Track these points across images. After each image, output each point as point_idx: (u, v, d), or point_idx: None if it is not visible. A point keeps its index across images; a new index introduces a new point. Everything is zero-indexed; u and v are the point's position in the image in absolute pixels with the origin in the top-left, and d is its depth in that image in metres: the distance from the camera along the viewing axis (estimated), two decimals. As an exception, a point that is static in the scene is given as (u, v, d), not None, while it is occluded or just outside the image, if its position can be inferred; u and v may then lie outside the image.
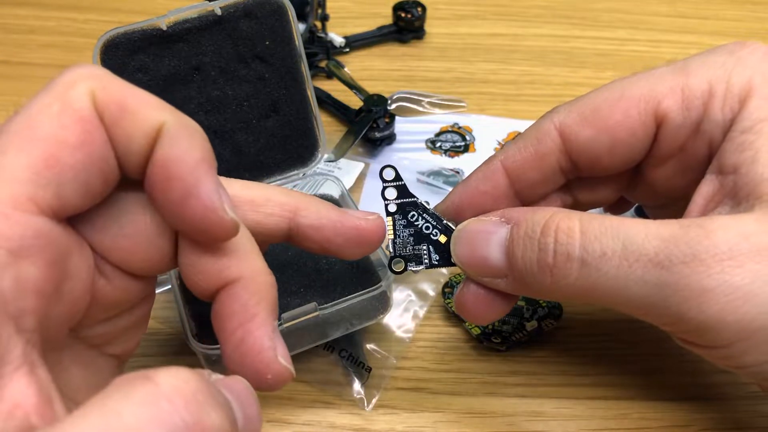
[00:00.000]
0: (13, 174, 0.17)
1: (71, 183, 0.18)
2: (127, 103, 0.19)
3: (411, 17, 0.56)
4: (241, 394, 0.20)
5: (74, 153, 0.18)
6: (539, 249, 0.26)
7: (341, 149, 0.44)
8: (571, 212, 0.26)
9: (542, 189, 0.31)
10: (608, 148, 0.29)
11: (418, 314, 0.38)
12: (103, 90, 0.19)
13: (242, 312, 0.22)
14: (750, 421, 0.33)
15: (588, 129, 0.29)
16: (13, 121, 0.18)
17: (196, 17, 0.35)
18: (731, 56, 0.27)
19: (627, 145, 0.28)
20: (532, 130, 0.30)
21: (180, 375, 0.17)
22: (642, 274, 0.24)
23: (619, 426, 0.33)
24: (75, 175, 0.18)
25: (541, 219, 0.26)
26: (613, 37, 0.58)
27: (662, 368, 0.35)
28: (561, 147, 0.29)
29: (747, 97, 0.26)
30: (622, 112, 0.28)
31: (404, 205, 0.30)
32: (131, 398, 0.16)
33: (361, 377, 0.34)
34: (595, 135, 0.28)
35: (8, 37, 0.57)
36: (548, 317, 0.36)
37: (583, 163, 0.30)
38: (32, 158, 0.17)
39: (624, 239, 0.24)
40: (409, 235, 0.30)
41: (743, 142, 0.25)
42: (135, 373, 0.17)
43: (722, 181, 0.26)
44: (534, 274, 0.26)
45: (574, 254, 0.25)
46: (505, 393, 0.34)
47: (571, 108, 0.29)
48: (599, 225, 0.25)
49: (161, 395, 0.16)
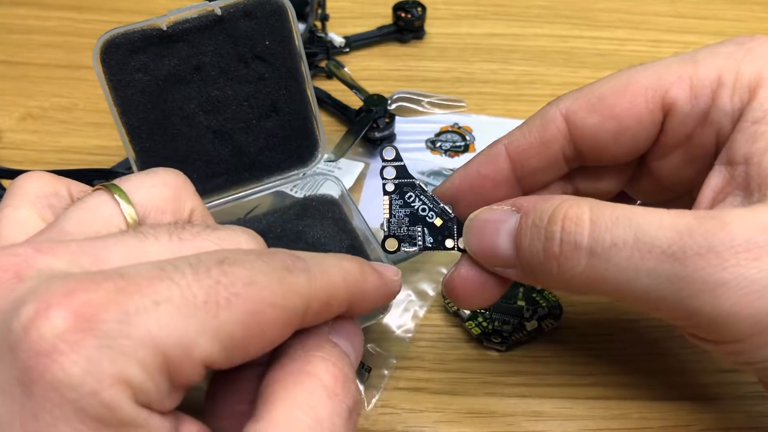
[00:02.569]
0: (224, 335, 0.18)
1: (239, 359, 0.19)
2: (332, 302, 0.21)
3: (411, 17, 0.56)
4: (350, 333, 0.23)
5: (264, 345, 0.19)
6: (546, 238, 0.25)
7: (341, 149, 0.44)
8: (581, 199, 0.25)
9: (544, 176, 0.31)
10: (614, 136, 0.28)
11: (418, 314, 0.38)
12: (319, 299, 0.20)
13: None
14: (750, 421, 0.33)
15: (594, 116, 0.28)
16: (248, 286, 0.19)
17: (196, 17, 0.35)
18: (740, 47, 0.27)
19: (633, 133, 0.28)
20: (537, 116, 0.30)
21: (330, 359, 0.20)
22: (654, 266, 0.23)
23: (619, 426, 0.33)
24: (245, 357, 0.19)
25: (549, 207, 0.26)
26: (612, 37, 0.58)
27: (662, 368, 0.35)
28: (566, 134, 0.29)
29: (757, 87, 0.26)
30: (629, 100, 0.28)
31: (402, 185, 0.30)
32: (303, 406, 0.19)
33: (361, 377, 0.34)
34: (601, 122, 0.28)
35: (8, 37, 0.57)
36: (548, 317, 0.36)
37: (587, 151, 0.29)
38: (241, 332, 0.18)
39: (636, 229, 0.24)
40: (404, 215, 0.30)
41: (754, 133, 0.25)
42: (287, 364, 0.20)
43: (732, 172, 0.26)
44: (541, 264, 0.26)
45: (582, 243, 0.24)
46: (505, 393, 0.34)
47: (577, 95, 0.29)
48: (611, 213, 0.24)
49: (327, 391, 0.20)
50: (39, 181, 0.23)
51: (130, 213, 0.22)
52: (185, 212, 0.24)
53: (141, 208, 0.23)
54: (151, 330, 0.17)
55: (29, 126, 0.50)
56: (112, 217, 0.22)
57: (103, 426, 0.16)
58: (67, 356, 0.16)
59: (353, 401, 0.20)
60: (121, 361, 0.16)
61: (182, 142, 0.36)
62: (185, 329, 0.17)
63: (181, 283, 0.17)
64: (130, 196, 0.22)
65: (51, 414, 0.16)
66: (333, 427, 0.19)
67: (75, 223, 0.21)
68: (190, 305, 0.17)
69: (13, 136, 0.49)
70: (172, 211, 0.24)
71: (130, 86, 0.34)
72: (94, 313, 0.16)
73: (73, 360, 0.16)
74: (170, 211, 0.23)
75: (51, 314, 0.16)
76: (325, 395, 0.19)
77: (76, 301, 0.17)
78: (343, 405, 0.20)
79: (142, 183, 0.23)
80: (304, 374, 0.20)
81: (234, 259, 0.19)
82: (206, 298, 0.17)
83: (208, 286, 0.18)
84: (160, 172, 0.24)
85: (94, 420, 0.16)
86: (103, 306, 0.17)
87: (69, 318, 0.16)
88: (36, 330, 0.16)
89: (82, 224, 0.21)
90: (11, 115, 0.50)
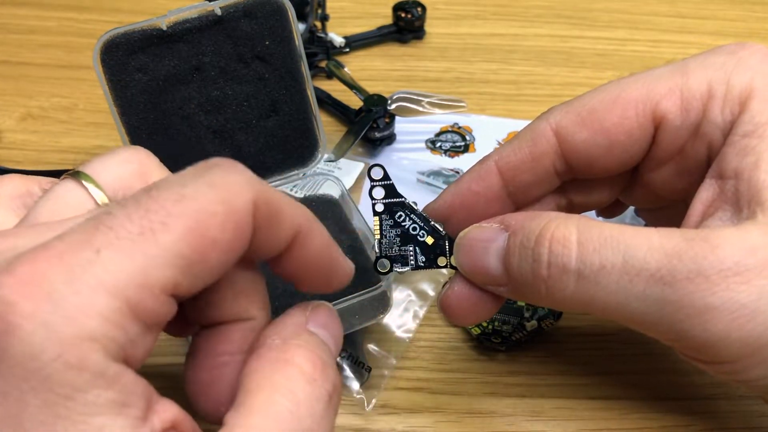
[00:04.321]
0: (172, 257, 0.18)
1: (205, 277, 0.19)
2: (281, 211, 0.21)
3: (411, 17, 0.56)
4: (328, 322, 0.23)
5: (221, 255, 0.19)
6: (533, 260, 0.25)
7: (341, 149, 0.44)
8: (569, 219, 0.25)
9: (536, 191, 0.30)
10: (605, 150, 0.28)
11: (418, 314, 0.38)
12: (265, 202, 0.20)
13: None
14: (750, 421, 0.33)
15: (584, 131, 0.28)
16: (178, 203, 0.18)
17: (196, 17, 0.35)
18: (731, 57, 0.27)
19: (624, 147, 0.28)
20: (527, 131, 0.30)
21: (308, 346, 0.21)
22: (643, 289, 0.23)
23: (619, 426, 0.33)
24: (211, 273, 0.19)
25: (536, 227, 0.26)
26: (612, 37, 0.58)
27: (662, 368, 0.35)
28: (556, 148, 0.29)
29: (748, 99, 0.25)
30: (619, 114, 0.27)
31: (391, 204, 0.30)
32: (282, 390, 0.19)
33: (361, 377, 0.34)
34: (591, 137, 0.28)
35: (8, 37, 0.57)
36: (548, 317, 0.36)
37: (578, 164, 0.29)
38: (188, 248, 0.18)
39: (625, 252, 0.24)
40: (395, 235, 0.30)
41: (745, 147, 0.25)
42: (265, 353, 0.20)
43: (722, 186, 0.26)
44: (530, 284, 0.26)
45: (570, 266, 0.24)
46: (505, 393, 0.34)
47: (567, 109, 0.29)
48: (598, 235, 0.24)
49: (305, 377, 0.20)
50: (10, 183, 0.23)
51: (98, 196, 0.22)
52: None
53: (109, 189, 0.23)
54: (100, 278, 0.17)
55: (29, 126, 0.50)
56: (82, 203, 0.22)
57: (72, 390, 0.16)
58: (23, 328, 0.16)
59: (332, 386, 0.20)
60: (79, 318, 0.16)
61: (182, 142, 0.36)
62: (132, 265, 0.17)
63: (114, 225, 0.17)
64: (97, 179, 0.22)
65: (18, 389, 0.16)
66: (312, 411, 0.19)
67: (47, 213, 0.21)
68: (129, 241, 0.17)
69: (13, 136, 0.49)
70: (141, 186, 0.23)
71: (130, 86, 0.34)
72: (40, 280, 0.16)
73: (29, 330, 0.16)
74: (138, 187, 0.23)
75: (1, 291, 0.16)
76: (304, 380, 0.20)
77: (19, 273, 0.16)
78: (322, 390, 0.20)
79: (106, 164, 0.23)
80: (282, 362, 0.20)
81: (161, 182, 0.19)
82: (141, 230, 0.17)
83: (140, 217, 0.18)
84: (121, 151, 0.24)
85: (61, 385, 0.16)
86: (47, 270, 0.16)
87: (17, 289, 0.16)
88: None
89: (54, 213, 0.21)
90: (11, 115, 0.50)
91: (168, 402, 0.19)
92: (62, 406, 0.16)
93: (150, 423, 0.18)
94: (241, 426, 0.18)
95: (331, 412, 0.20)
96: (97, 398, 0.16)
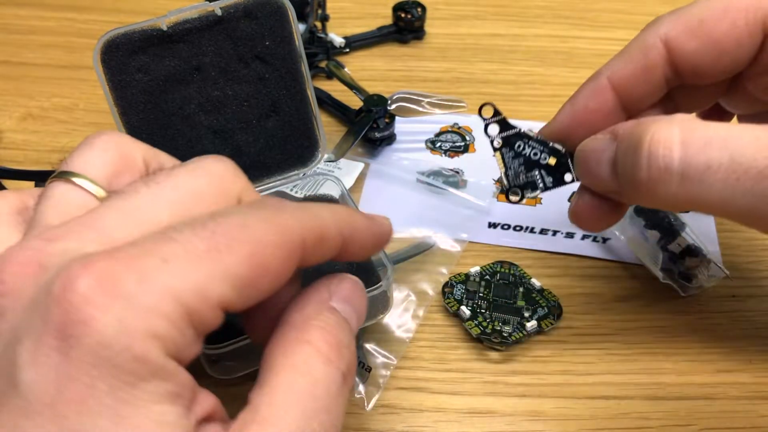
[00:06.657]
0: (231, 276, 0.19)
1: (255, 298, 0.20)
2: (325, 238, 0.22)
3: (411, 17, 0.56)
4: (351, 295, 0.24)
5: (272, 280, 0.21)
6: (633, 164, 0.25)
7: (341, 149, 0.44)
8: (672, 120, 0.25)
9: (648, 101, 0.31)
10: (714, 59, 0.29)
11: (418, 314, 0.38)
12: (311, 234, 0.22)
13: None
14: (750, 421, 0.33)
15: (694, 41, 0.29)
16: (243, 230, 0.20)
17: (196, 17, 0.35)
18: None
19: (733, 55, 0.28)
20: (636, 44, 0.30)
21: (326, 327, 0.22)
22: (751, 187, 0.23)
23: (619, 426, 0.33)
24: (259, 295, 0.20)
25: (639, 131, 0.26)
26: (612, 37, 0.58)
27: (663, 368, 0.35)
28: (667, 59, 0.30)
29: None
30: (729, 23, 0.28)
31: (508, 137, 0.31)
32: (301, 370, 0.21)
33: (361, 377, 0.34)
34: (701, 46, 0.29)
35: (8, 37, 0.57)
36: (548, 317, 0.36)
37: (687, 73, 0.30)
38: (246, 271, 0.20)
39: (732, 151, 0.23)
40: (519, 164, 0.31)
41: None
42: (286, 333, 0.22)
43: None
44: (635, 188, 0.26)
45: (672, 167, 0.24)
46: (505, 393, 0.34)
47: (675, 20, 0.29)
48: (703, 134, 0.24)
49: (322, 357, 0.21)
50: (4, 200, 0.24)
51: (95, 190, 0.23)
52: (139, 164, 0.25)
53: (101, 180, 0.23)
54: (167, 283, 0.18)
55: (29, 126, 0.50)
56: (83, 200, 0.23)
57: (136, 379, 0.18)
58: (99, 320, 0.17)
59: (347, 367, 0.22)
60: (147, 315, 0.18)
61: (182, 142, 0.36)
62: (196, 277, 0.19)
63: (182, 240, 0.19)
64: (86, 174, 0.23)
65: (88, 374, 0.17)
66: (328, 390, 0.21)
67: (54, 215, 0.22)
68: (195, 256, 0.19)
69: (14, 136, 0.49)
70: (126, 169, 0.24)
71: (131, 86, 0.34)
72: (114, 278, 0.18)
73: (105, 322, 0.17)
74: (124, 171, 0.24)
75: (78, 285, 0.18)
76: (321, 360, 0.21)
77: (96, 270, 0.18)
78: (337, 371, 0.21)
79: (86, 158, 0.24)
80: (302, 342, 0.21)
81: (224, 211, 0.21)
82: (207, 248, 0.19)
83: (207, 237, 0.19)
84: (94, 141, 0.24)
85: (128, 374, 0.18)
86: (121, 271, 0.18)
87: (94, 285, 0.18)
88: (67, 301, 0.17)
89: (62, 214, 0.22)
90: (11, 115, 0.50)
91: (207, 393, 0.20)
92: (127, 393, 0.18)
93: (194, 412, 0.19)
94: (267, 404, 0.20)
95: (345, 391, 0.22)
96: (156, 388, 0.18)
